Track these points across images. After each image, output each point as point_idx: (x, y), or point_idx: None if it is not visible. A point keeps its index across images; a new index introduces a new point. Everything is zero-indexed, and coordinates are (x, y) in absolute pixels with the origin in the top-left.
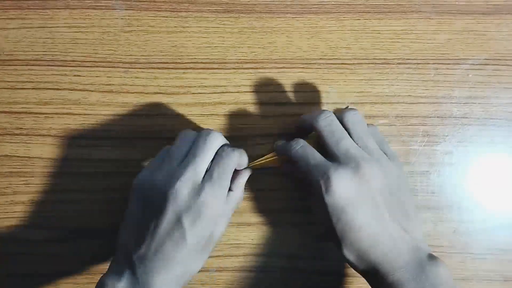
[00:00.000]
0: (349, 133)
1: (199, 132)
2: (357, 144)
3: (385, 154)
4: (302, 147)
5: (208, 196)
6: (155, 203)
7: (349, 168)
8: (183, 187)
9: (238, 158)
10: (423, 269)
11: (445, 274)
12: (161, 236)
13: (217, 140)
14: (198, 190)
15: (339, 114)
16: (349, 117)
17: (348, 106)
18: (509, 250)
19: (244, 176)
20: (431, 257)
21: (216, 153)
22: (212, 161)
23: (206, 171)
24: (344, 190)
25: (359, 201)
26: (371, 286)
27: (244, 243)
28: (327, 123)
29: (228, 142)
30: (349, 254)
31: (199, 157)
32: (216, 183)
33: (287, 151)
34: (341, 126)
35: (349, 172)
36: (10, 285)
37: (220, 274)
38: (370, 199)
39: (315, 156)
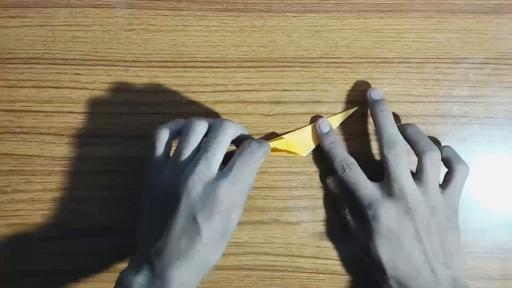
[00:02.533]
0: (418, 170)
1: (212, 123)
2: (419, 181)
3: (446, 195)
4: (353, 172)
5: (223, 193)
6: (168, 200)
7: (397, 205)
8: (196, 184)
9: (263, 153)
10: None
11: None
12: (176, 232)
13: (231, 131)
14: (213, 186)
15: (420, 149)
16: (428, 158)
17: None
18: (509, 249)
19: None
20: None
21: (239, 144)
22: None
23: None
24: (390, 223)
25: (404, 234)
26: None
27: (244, 242)
28: (396, 157)
29: (245, 130)
30: (392, 281)
31: (211, 152)
32: (233, 181)
33: (340, 173)
34: (407, 163)
35: (396, 208)
36: (10, 282)
37: (220, 272)
38: (415, 234)
39: (366, 184)
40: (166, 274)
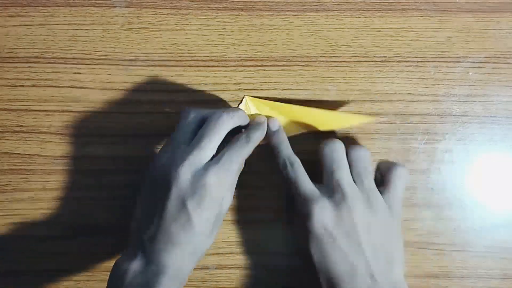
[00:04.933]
0: (350, 167)
1: (210, 114)
2: (354, 179)
3: (385, 197)
4: (294, 169)
5: (212, 179)
6: (160, 186)
7: (333, 200)
8: (186, 171)
9: (253, 146)
10: None
11: None
12: (168, 219)
13: (229, 124)
14: (202, 173)
15: (348, 149)
16: (355, 153)
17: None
18: (509, 248)
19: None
20: None
21: (234, 134)
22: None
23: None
24: (325, 221)
25: (339, 233)
26: None
27: (244, 241)
28: (331, 151)
29: (245, 120)
30: (323, 282)
31: (204, 141)
32: (222, 166)
33: (282, 169)
34: (344, 158)
35: (332, 204)
36: (10, 282)
37: (220, 271)
38: (351, 234)
39: (304, 182)
40: (160, 259)
